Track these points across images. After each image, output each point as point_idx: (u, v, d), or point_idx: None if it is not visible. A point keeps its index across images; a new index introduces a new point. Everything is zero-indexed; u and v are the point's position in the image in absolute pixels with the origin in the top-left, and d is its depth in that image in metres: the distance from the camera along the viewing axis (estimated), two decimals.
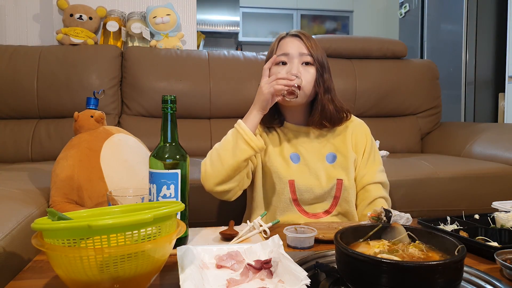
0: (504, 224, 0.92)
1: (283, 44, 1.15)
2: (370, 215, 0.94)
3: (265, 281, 0.66)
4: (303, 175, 1.13)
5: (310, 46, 1.13)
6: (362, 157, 1.18)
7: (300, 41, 1.14)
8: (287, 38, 1.16)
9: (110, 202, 0.84)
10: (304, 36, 1.15)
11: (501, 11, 2.87)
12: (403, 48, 2.31)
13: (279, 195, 1.13)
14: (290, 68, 1.11)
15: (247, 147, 1.01)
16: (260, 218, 0.98)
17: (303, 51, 1.12)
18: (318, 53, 1.14)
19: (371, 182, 1.16)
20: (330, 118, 1.15)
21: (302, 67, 1.12)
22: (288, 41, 1.15)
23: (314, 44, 1.15)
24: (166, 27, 2.21)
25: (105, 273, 0.56)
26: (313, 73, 1.12)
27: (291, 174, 1.13)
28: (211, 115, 2.11)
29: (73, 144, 1.12)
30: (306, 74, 1.11)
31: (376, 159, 1.20)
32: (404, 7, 3.72)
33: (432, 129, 2.32)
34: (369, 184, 1.16)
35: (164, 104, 0.83)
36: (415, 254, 0.63)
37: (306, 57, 1.12)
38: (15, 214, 0.94)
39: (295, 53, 1.12)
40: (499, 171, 1.60)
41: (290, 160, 1.16)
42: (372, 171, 1.17)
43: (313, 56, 1.12)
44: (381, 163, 1.21)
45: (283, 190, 1.12)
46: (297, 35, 1.15)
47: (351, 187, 1.14)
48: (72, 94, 1.92)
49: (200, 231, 0.97)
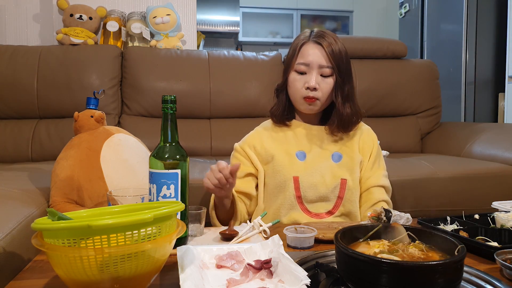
0: (504, 224, 0.92)
1: (305, 51, 1.14)
2: (370, 215, 0.94)
3: (265, 281, 0.66)
4: (307, 172, 1.14)
5: (331, 56, 1.11)
6: (368, 160, 1.20)
7: (322, 50, 1.12)
8: (310, 44, 1.14)
9: (110, 202, 0.84)
10: (326, 43, 1.12)
11: (501, 11, 2.87)
12: (403, 48, 2.31)
13: (283, 191, 1.13)
14: (308, 79, 1.12)
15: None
16: (260, 218, 0.98)
17: (323, 63, 1.12)
18: (340, 62, 1.13)
19: (375, 185, 1.17)
20: (348, 125, 1.17)
21: (321, 78, 1.13)
22: (310, 48, 1.13)
23: (338, 51, 1.13)
24: (166, 27, 2.21)
25: (105, 273, 0.56)
26: (332, 83, 1.13)
27: (296, 170, 1.14)
28: (211, 115, 2.11)
29: (73, 144, 1.12)
30: (324, 85, 1.13)
31: (381, 165, 1.22)
32: (404, 7, 3.72)
33: (432, 129, 2.32)
34: (373, 186, 1.17)
35: (164, 104, 0.83)
36: (415, 254, 0.63)
37: (325, 70, 1.12)
38: (15, 214, 0.94)
39: (315, 65, 1.12)
40: (499, 171, 1.60)
41: (295, 158, 1.17)
42: (377, 174, 1.18)
43: (334, 67, 1.12)
44: (385, 169, 1.22)
45: (287, 186, 1.13)
46: (319, 43, 1.13)
47: (355, 188, 1.15)
48: (72, 94, 1.92)
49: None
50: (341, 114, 1.15)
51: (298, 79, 1.14)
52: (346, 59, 1.15)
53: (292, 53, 1.17)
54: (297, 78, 1.14)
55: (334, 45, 1.13)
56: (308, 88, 1.12)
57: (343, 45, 1.15)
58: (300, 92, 1.14)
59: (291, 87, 1.17)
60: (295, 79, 1.15)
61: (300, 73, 1.14)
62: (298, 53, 1.15)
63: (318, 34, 1.15)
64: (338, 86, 1.13)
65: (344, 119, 1.15)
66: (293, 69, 1.15)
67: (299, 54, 1.14)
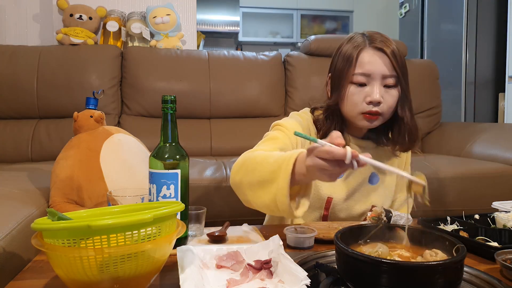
0: (505, 224, 0.92)
1: (364, 59, 0.97)
2: (370, 215, 0.94)
3: (265, 281, 0.66)
4: (342, 193, 1.05)
5: (396, 63, 0.96)
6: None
7: (385, 57, 0.96)
8: (370, 50, 0.97)
9: (110, 202, 0.84)
10: (389, 49, 0.96)
11: (501, 11, 2.87)
12: (403, 48, 2.31)
13: (311, 210, 1.06)
14: (370, 92, 0.96)
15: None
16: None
17: (387, 73, 0.96)
18: (404, 69, 0.98)
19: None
20: (415, 142, 1.03)
21: (384, 90, 0.97)
22: (371, 55, 0.97)
23: (400, 57, 0.97)
24: (166, 27, 2.21)
25: (105, 273, 0.56)
26: (397, 95, 0.98)
27: (332, 191, 1.04)
28: (211, 115, 2.11)
29: (73, 144, 1.12)
30: (388, 98, 0.97)
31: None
32: (404, 7, 3.72)
33: (432, 129, 2.32)
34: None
35: (164, 104, 0.83)
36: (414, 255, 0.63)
37: (390, 80, 0.96)
38: (15, 214, 0.94)
39: (378, 75, 0.96)
40: (499, 171, 1.60)
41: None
42: (404, 193, 1.12)
43: (399, 76, 0.96)
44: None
45: (318, 206, 1.05)
46: (380, 49, 0.96)
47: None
48: (72, 94, 1.92)
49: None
50: (411, 130, 1.00)
51: (357, 92, 0.97)
52: (406, 67, 1.00)
53: (345, 63, 0.99)
54: (355, 91, 0.97)
55: (393, 47, 0.97)
56: (371, 103, 0.96)
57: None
58: (360, 107, 0.97)
59: (348, 102, 0.99)
60: (353, 93, 0.98)
61: (359, 85, 0.98)
62: (355, 61, 0.97)
63: (375, 38, 0.98)
64: (404, 97, 0.99)
65: (414, 135, 1.01)
66: (350, 81, 0.98)
67: (358, 63, 0.97)
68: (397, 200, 1.14)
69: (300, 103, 2.12)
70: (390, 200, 1.11)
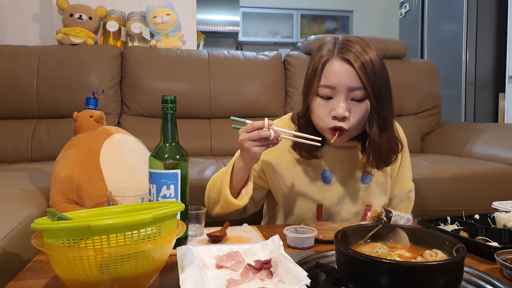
0: (505, 224, 0.92)
1: (329, 70, 0.91)
2: (370, 215, 0.94)
3: (265, 281, 0.66)
4: (333, 197, 1.04)
5: (364, 75, 0.88)
6: (396, 174, 1.10)
7: (351, 69, 0.89)
8: (335, 61, 0.91)
9: (110, 202, 0.84)
10: (357, 59, 0.88)
11: (501, 11, 2.87)
12: (403, 48, 2.31)
13: (303, 215, 1.07)
14: (335, 105, 0.90)
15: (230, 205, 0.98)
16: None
17: (353, 85, 0.89)
18: (374, 79, 0.89)
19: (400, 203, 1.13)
20: (386, 160, 0.98)
21: (352, 103, 0.91)
22: (335, 66, 0.90)
23: (370, 65, 0.89)
24: (166, 27, 2.21)
25: (105, 273, 0.56)
26: (366, 109, 0.91)
27: (320, 198, 1.04)
28: (211, 115, 2.11)
29: (73, 144, 1.12)
30: (356, 112, 0.91)
31: (406, 175, 1.12)
32: (404, 7, 3.72)
33: (432, 129, 2.32)
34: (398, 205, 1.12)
35: (164, 104, 0.83)
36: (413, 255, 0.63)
37: (358, 92, 0.90)
38: (15, 214, 0.94)
39: (343, 88, 0.89)
40: (499, 171, 1.60)
41: (320, 180, 1.04)
42: (403, 190, 1.12)
43: (367, 88, 0.89)
44: (411, 178, 1.14)
45: (311, 215, 1.06)
46: (348, 61, 0.89)
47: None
48: (72, 94, 1.92)
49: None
50: (377, 147, 0.94)
51: (322, 106, 0.92)
52: (382, 74, 0.91)
53: (312, 72, 0.94)
54: (321, 104, 0.92)
55: (364, 57, 0.89)
56: (336, 118, 0.91)
57: (378, 55, 0.92)
58: (326, 121, 0.92)
59: (315, 115, 0.95)
60: (318, 106, 0.93)
61: (325, 97, 0.92)
62: (320, 73, 0.92)
63: (343, 45, 0.91)
64: (373, 111, 0.91)
65: (382, 152, 0.95)
66: (315, 93, 0.93)
67: (323, 75, 0.91)
68: (396, 197, 1.13)
69: (300, 103, 2.12)
70: (386, 198, 1.09)
